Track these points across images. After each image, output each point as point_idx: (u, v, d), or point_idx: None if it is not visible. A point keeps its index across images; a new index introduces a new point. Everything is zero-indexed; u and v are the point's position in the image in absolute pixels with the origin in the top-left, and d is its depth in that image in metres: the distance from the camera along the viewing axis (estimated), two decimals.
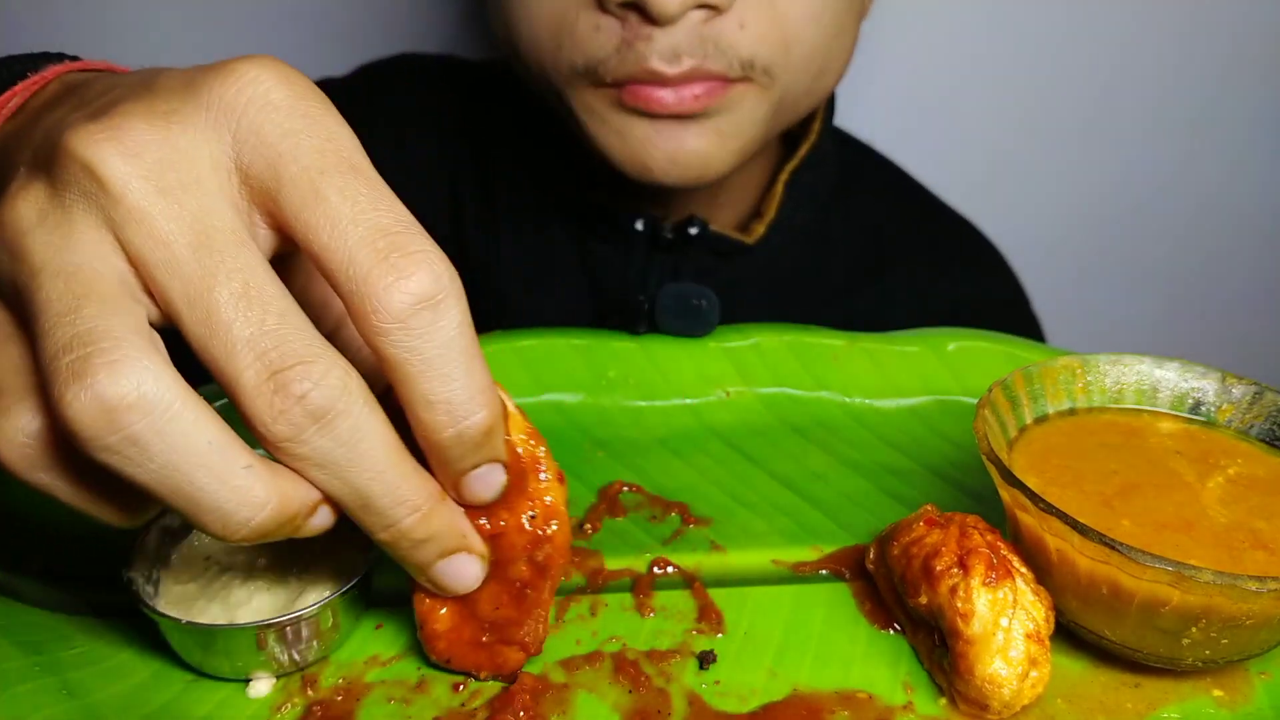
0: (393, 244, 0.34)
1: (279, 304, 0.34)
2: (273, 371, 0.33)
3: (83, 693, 0.46)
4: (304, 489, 0.36)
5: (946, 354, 0.70)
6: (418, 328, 0.35)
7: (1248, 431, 0.55)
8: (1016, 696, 0.45)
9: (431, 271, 0.34)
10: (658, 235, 0.74)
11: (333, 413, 0.34)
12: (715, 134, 0.66)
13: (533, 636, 0.45)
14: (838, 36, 0.69)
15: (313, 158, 0.35)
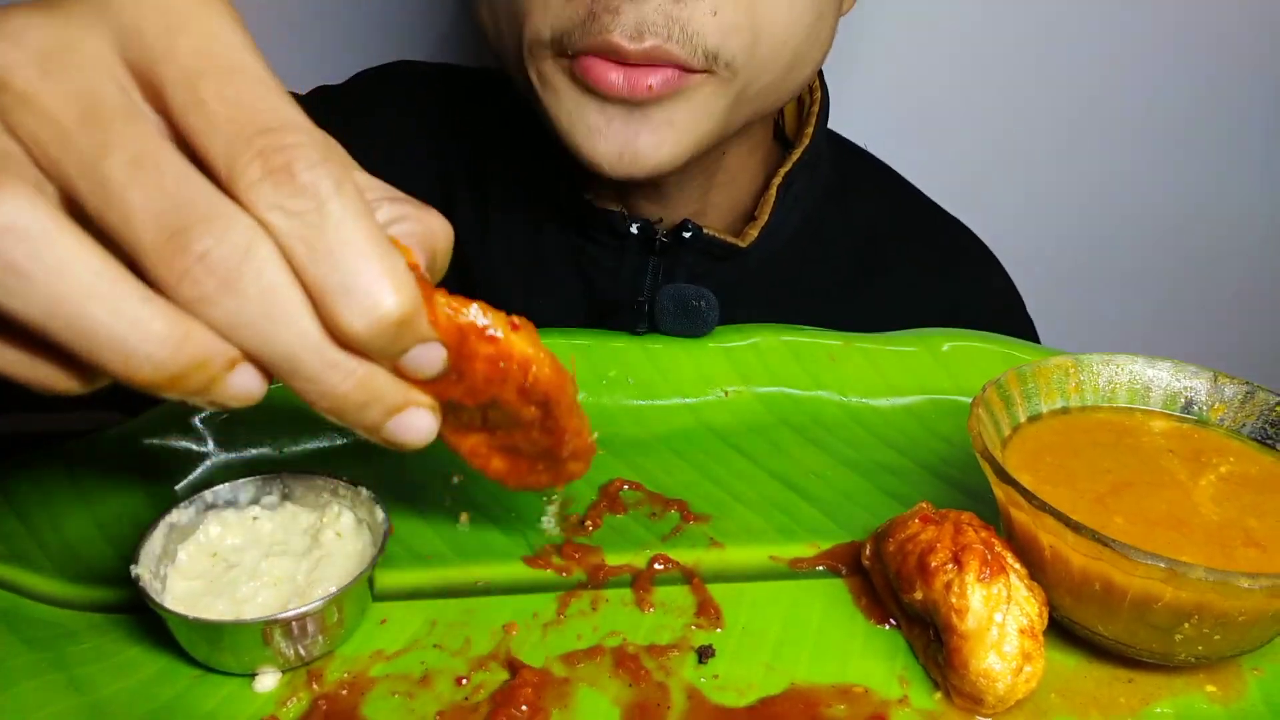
0: (269, 142, 0.32)
1: (175, 168, 0.32)
2: (171, 232, 0.32)
3: (90, 688, 0.46)
4: (216, 339, 0.33)
5: (941, 354, 0.70)
6: (299, 216, 0.32)
7: (1239, 430, 0.55)
8: (1010, 691, 0.45)
9: (306, 160, 0.32)
10: (651, 238, 0.74)
11: (238, 271, 0.32)
12: (668, 126, 0.64)
13: (581, 444, 0.44)
14: (812, 30, 0.68)
15: (190, 59, 0.33)
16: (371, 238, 0.33)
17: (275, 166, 0.32)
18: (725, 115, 0.67)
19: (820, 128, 0.81)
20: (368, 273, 0.33)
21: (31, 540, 0.55)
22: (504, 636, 0.50)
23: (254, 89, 0.33)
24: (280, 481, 0.53)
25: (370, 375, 0.36)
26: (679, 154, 0.66)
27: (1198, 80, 1.19)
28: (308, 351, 0.34)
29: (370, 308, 0.33)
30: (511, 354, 0.39)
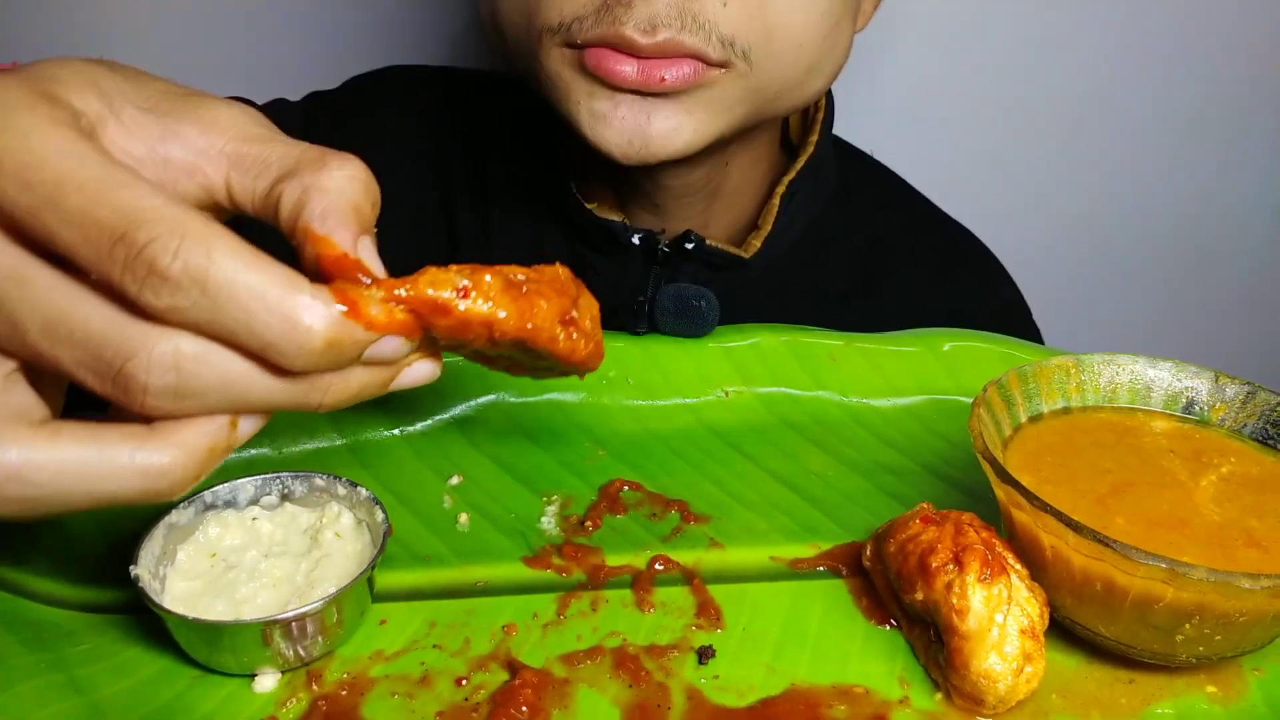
0: (125, 253, 0.33)
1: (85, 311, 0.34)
2: (112, 376, 0.34)
3: (89, 689, 0.46)
4: (207, 427, 0.36)
5: (942, 354, 0.70)
6: (192, 306, 0.33)
7: (1241, 430, 0.55)
8: (1011, 692, 0.45)
9: (165, 252, 0.32)
10: (654, 249, 0.74)
11: (184, 381, 0.34)
12: (684, 114, 0.64)
13: (577, 360, 0.42)
14: (828, 35, 0.68)
15: (22, 198, 0.33)
16: (262, 287, 0.34)
17: (142, 275, 0.32)
18: (741, 111, 0.67)
19: (825, 135, 0.81)
20: (276, 321, 0.34)
21: (31, 541, 0.55)
22: (504, 637, 0.50)
23: (82, 199, 0.33)
24: (280, 482, 0.53)
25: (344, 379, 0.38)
26: (693, 143, 0.65)
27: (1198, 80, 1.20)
28: (282, 395, 0.36)
29: (297, 347, 0.34)
30: (469, 322, 0.38)
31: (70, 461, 0.35)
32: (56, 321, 0.34)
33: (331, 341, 0.35)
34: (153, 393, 0.34)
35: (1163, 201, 1.27)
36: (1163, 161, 1.24)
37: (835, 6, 0.67)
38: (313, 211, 0.37)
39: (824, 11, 0.66)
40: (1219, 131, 1.23)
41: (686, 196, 0.77)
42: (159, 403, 0.34)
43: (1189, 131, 1.23)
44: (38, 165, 0.33)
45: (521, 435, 0.65)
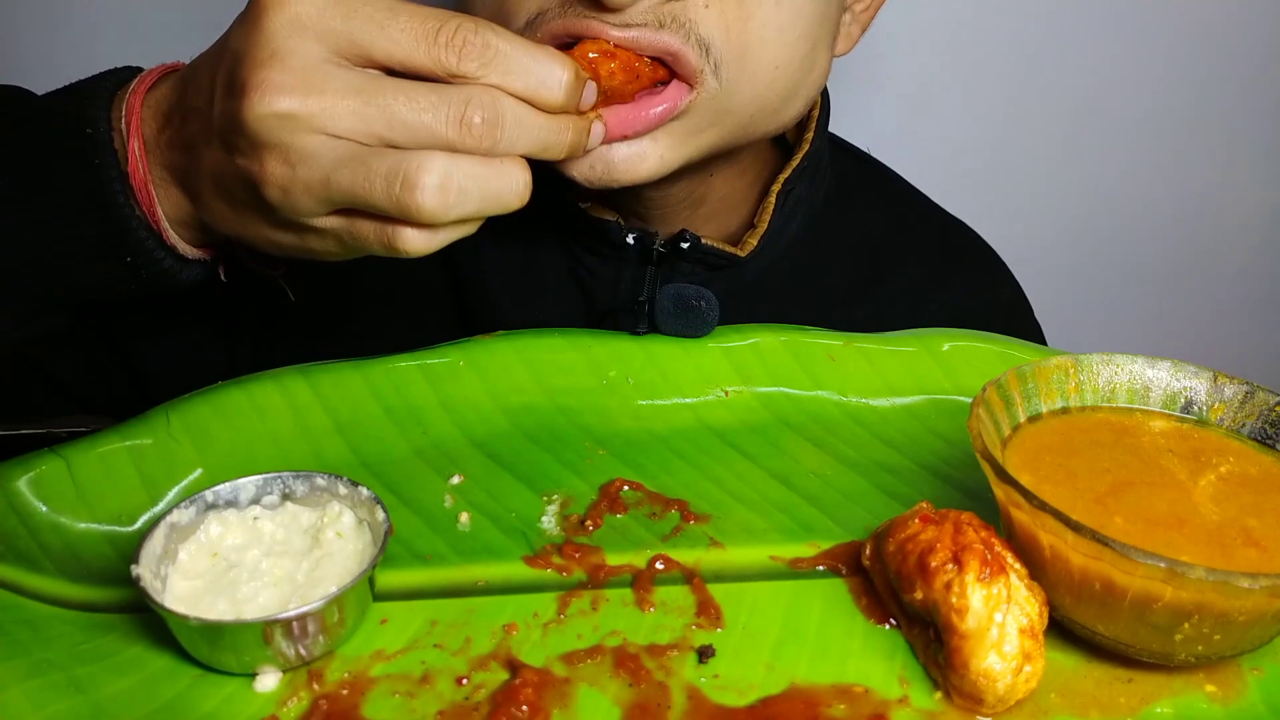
0: (441, 41, 0.49)
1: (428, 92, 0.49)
2: (459, 120, 0.49)
3: (91, 688, 0.46)
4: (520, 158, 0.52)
5: (941, 354, 0.70)
6: (491, 63, 0.49)
7: (1239, 430, 0.55)
8: (1010, 691, 0.45)
9: (466, 32, 0.49)
10: (649, 249, 0.74)
11: (497, 116, 0.49)
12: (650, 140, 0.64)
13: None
14: (805, 57, 0.67)
15: (369, 35, 0.48)
16: (529, 49, 0.50)
17: (459, 47, 0.49)
18: (711, 136, 0.67)
19: (821, 132, 0.81)
20: (541, 68, 0.50)
21: (32, 540, 0.55)
22: (504, 636, 0.50)
23: (408, 17, 0.49)
24: (281, 481, 0.53)
25: (574, 121, 0.54)
26: (658, 170, 0.65)
27: (1198, 80, 1.20)
28: (546, 131, 0.52)
29: (557, 82, 0.51)
30: (614, 54, 0.60)
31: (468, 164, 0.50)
32: (412, 95, 0.48)
33: (572, 82, 0.51)
34: (474, 125, 0.49)
35: (1162, 201, 1.27)
36: (1162, 161, 1.24)
37: (813, 29, 0.67)
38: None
39: (801, 34, 0.66)
40: (1218, 132, 1.23)
41: (670, 206, 0.77)
42: (478, 131, 0.49)
43: (1189, 132, 1.23)
44: (368, 12, 0.48)
45: (522, 435, 0.65)
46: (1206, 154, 1.24)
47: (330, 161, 0.48)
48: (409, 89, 0.48)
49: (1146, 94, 1.20)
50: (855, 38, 0.76)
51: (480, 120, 0.49)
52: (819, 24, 0.67)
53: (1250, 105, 1.22)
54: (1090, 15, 1.15)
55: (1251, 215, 1.29)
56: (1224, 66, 1.19)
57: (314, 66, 0.48)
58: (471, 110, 0.48)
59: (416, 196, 0.48)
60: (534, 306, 0.80)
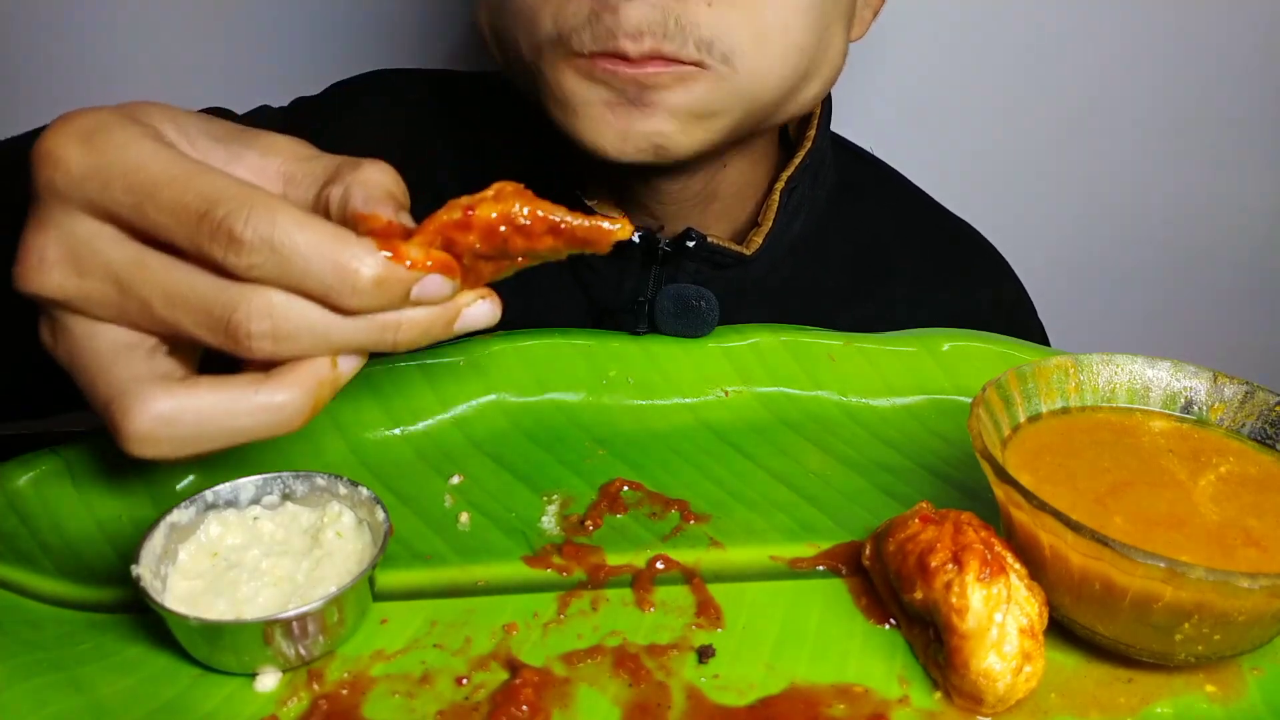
0: (208, 226, 0.40)
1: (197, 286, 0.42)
2: (226, 330, 0.42)
3: (90, 688, 0.46)
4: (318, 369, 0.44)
5: (941, 354, 0.70)
6: (266, 262, 0.41)
7: (1239, 430, 0.55)
8: (1010, 691, 0.45)
9: (239, 220, 0.40)
10: (654, 248, 0.74)
11: (280, 325, 0.42)
12: (668, 117, 0.65)
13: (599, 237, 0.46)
14: (822, 39, 0.68)
15: (129, 198, 0.41)
16: (319, 241, 0.41)
17: (224, 243, 0.40)
18: (732, 116, 0.67)
19: (823, 130, 0.81)
20: (330, 268, 0.41)
21: (32, 540, 0.55)
22: (504, 636, 0.50)
23: (172, 191, 0.41)
24: (281, 481, 0.53)
25: (409, 319, 0.44)
26: (684, 144, 0.66)
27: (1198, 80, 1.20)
28: (358, 335, 0.43)
29: (350, 288, 0.41)
30: (490, 226, 0.44)
31: (207, 405, 0.42)
32: (174, 293, 0.42)
33: (379, 281, 0.42)
34: (255, 337, 0.41)
35: (1162, 201, 1.27)
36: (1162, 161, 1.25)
37: (828, 9, 0.67)
38: (356, 200, 0.43)
39: (819, 15, 0.66)
40: (1218, 132, 1.23)
41: (684, 202, 0.77)
42: (262, 345, 0.42)
43: (1188, 131, 1.23)
44: (135, 169, 0.41)
45: (522, 435, 0.65)
46: (1206, 154, 1.24)
47: (106, 344, 0.44)
48: (172, 282, 0.42)
49: (1147, 94, 1.20)
50: (868, 21, 0.77)
51: (257, 330, 0.42)
52: (834, 3, 0.68)
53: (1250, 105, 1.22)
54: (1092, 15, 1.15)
55: (1251, 215, 1.29)
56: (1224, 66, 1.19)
57: (80, 242, 0.42)
58: (240, 318, 0.41)
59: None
60: (535, 305, 0.80)
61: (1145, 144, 1.23)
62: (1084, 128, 1.22)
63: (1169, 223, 1.28)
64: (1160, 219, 1.28)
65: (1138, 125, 1.22)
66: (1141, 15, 1.15)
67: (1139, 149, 1.24)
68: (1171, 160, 1.24)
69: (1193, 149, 1.24)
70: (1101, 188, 1.26)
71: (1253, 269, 1.32)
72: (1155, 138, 1.23)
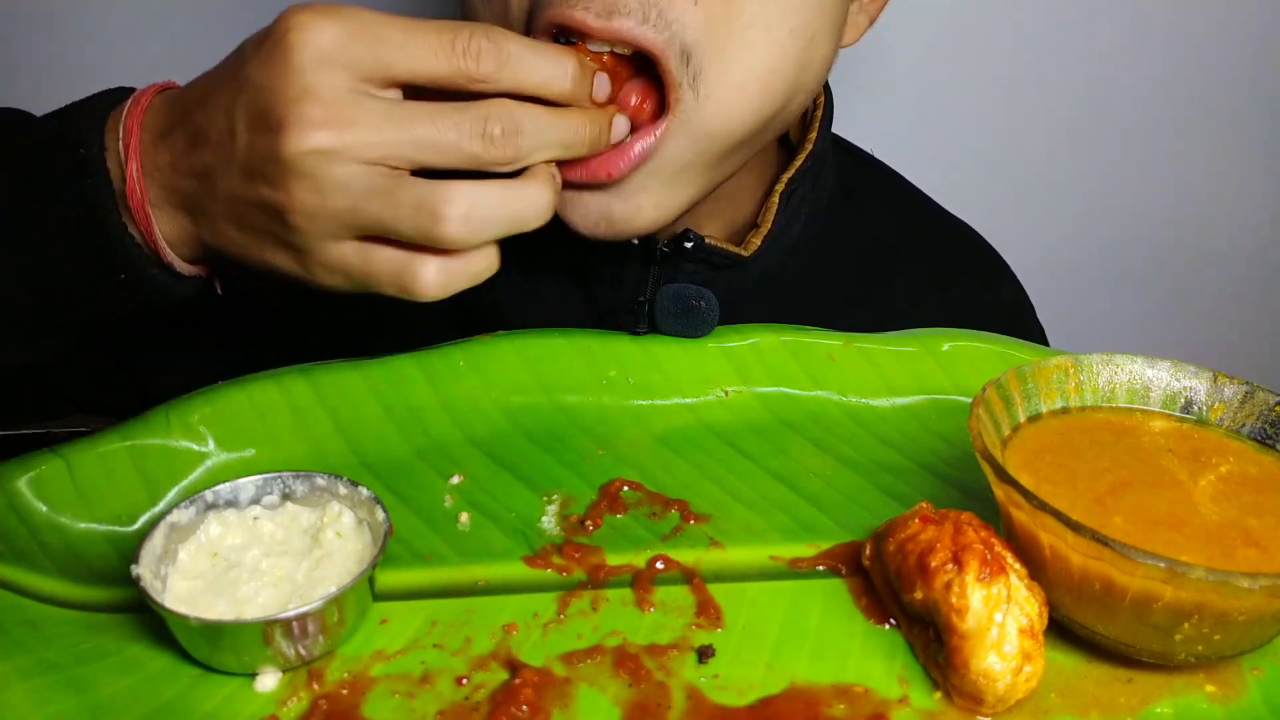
0: (456, 49, 0.51)
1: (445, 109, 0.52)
2: (484, 134, 0.52)
3: (90, 688, 0.46)
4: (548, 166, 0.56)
5: (941, 354, 0.70)
6: (502, 67, 0.52)
7: (1239, 430, 0.55)
8: (1010, 691, 0.45)
9: (474, 34, 0.51)
10: (652, 248, 0.74)
11: (516, 126, 0.52)
12: (642, 194, 0.65)
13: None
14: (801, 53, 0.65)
15: (388, 56, 0.50)
16: (535, 46, 0.53)
17: (475, 54, 0.51)
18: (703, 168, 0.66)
19: (824, 133, 0.81)
20: (548, 62, 0.53)
21: (32, 540, 0.55)
22: (504, 636, 0.50)
23: (420, 38, 0.51)
24: (281, 481, 0.53)
25: (589, 116, 0.57)
26: (658, 219, 0.66)
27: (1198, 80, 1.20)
28: (564, 130, 0.55)
29: (563, 73, 0.54)
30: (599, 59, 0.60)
31: (494, 194, 0.52)
32: (435, 125, 0.51)
33: (577, 67, 0.54)
34: (504, 132, 0.52)
35: (1162, 201, 1.27)
36: (1162, 161, 1.24)
37: (809, 22, 0.65)
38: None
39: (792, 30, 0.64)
40: (1218, 132, 1.23)
41: None
42: (504, 140, 0.52)
43: (1189, 132, 1.23)
44: (388, 35, 0.50)
45: (522, 435, 0.65)
46: (1206, 154, 1.24)
47: (361, 191, 0.50)
48: (432, 112, 0.51)
49: (1147, 94, 1.20)
50: (863, 28, 0.75)
51: (500, 132, 0.51)
52: (818, 15, 0.65)
53: (1250, 105, 1.22)
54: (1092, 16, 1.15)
55: (1251, 215, 1.29)
56: (1224, 66, 1.19)
57: (344, 99, 0.49)
58: (491, 124, 0.51)
59: (442, 227, 0.50)
60: (535, 305, 0.80)
61: (1145, 144, 1.23)
62: (1084, 128, 1.22)
63: (1169, 223, 1.28)
64: (1160, 219, 1.28)
65: (1138, 125, 1.22)
66: (1141, 15, 1.15)
67: (1139, 149, 1.24)
68: (1171, 160, 1.24)
69: (1193, 149, 1.24)
70: (1101, 188, 1.26)
71: (1253, 269, 1.32)
72: (1155, 138, 1.23)
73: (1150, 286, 1.32)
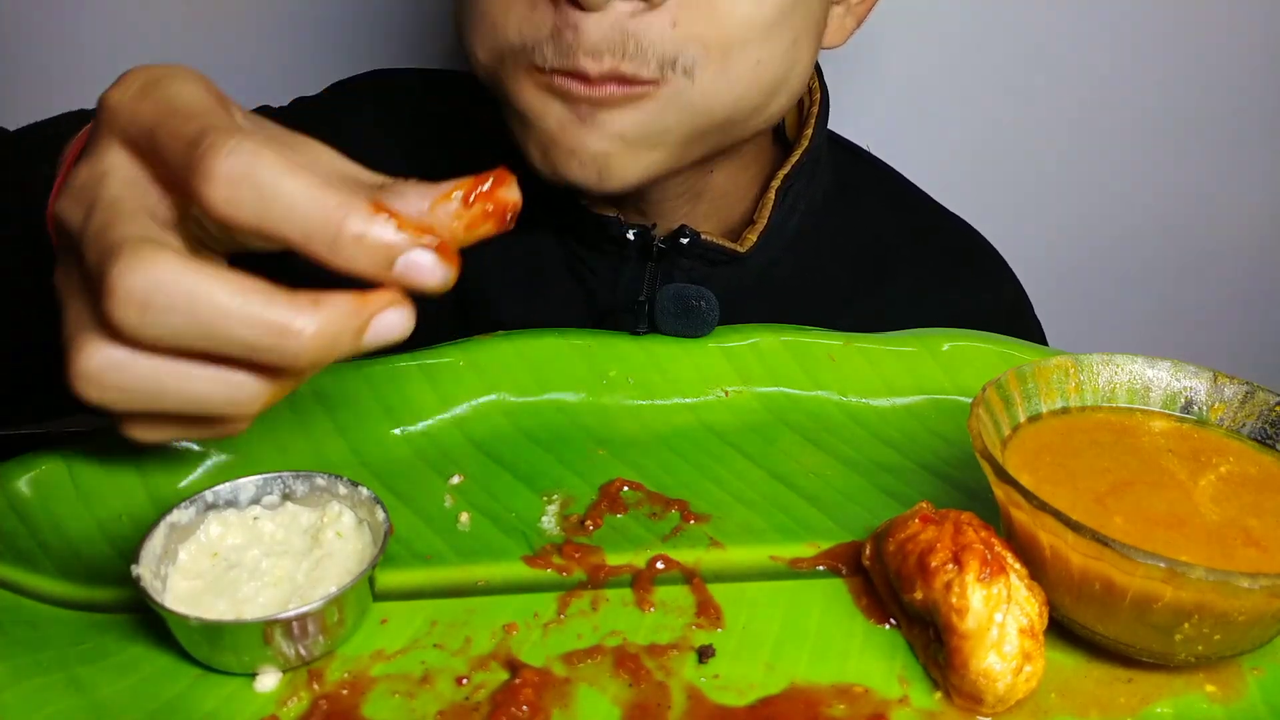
0: (197, 157, 0.39)
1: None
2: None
3: (90, 688, 0.46)
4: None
5: (941, 354, 0.70)
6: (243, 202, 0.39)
7: (1239, 430, 0.55)
8: (1010, 691, 0.45)
9: (222, 150, 0.39)
10: (649, 245, 0.74)
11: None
12: (617, 139, 0.65)
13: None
14: (789, 51, 0.67)
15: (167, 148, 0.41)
16: (308, 185, 0.39)
17: (198, 171, 0.39)
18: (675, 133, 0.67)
19: (820, 129, 0.81)
20: (320, 211, 0.40)
21: (33, 540, 0.55)
22: (504, 636, 0.50)
23: (175, 121, 0.41)
24: (281, 481, 0.53)
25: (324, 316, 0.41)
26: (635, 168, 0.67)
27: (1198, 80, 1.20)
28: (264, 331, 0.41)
29: (334, 235, 0.40)
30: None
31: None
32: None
33: (356, 235, 0.40)
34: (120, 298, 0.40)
35: (1162, 201, 1.27)
36: (1163, 161, 1.25)
37: (795, 21, 0.66)
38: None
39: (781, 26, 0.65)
40: (1218, 131, 1.23)
41: (669, 200, 0.77)
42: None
43: (1189, 131, 1.23)
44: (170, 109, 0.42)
45: (522, 435, 0.65)
46: (1206, 154, 1.24)
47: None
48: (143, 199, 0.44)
49: (1146, 94, 1.20)
50: (849, 30, 0.76)
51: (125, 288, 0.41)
52: (803, 16, 0.67)
53: (1250, 105, 1.22)
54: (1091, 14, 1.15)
55: (1251, 215, 1.29)
56: (1224, 67, 1.19)
57: (104, 170, 0.44)
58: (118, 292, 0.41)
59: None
60: (535, 304, 0.80)
61: (1144, 145, 1.23)
62: (1084, 126, 1.22)
63: (1169, 223, 1.28)
64: (1160, 219, 1.28)
65: (1137, 126, 1.22)
66: (1142, 15, 1.15)
67: (1138, 149, 1.24)
68: (1172, 159, 1.24)
69: (1193, 149, 1.24)
70: (1101, 187, 1.26)
71: (1253, 269, 1.32)
72: (1154, 139, 1.23)
73: (1150, 286, 1.32)
